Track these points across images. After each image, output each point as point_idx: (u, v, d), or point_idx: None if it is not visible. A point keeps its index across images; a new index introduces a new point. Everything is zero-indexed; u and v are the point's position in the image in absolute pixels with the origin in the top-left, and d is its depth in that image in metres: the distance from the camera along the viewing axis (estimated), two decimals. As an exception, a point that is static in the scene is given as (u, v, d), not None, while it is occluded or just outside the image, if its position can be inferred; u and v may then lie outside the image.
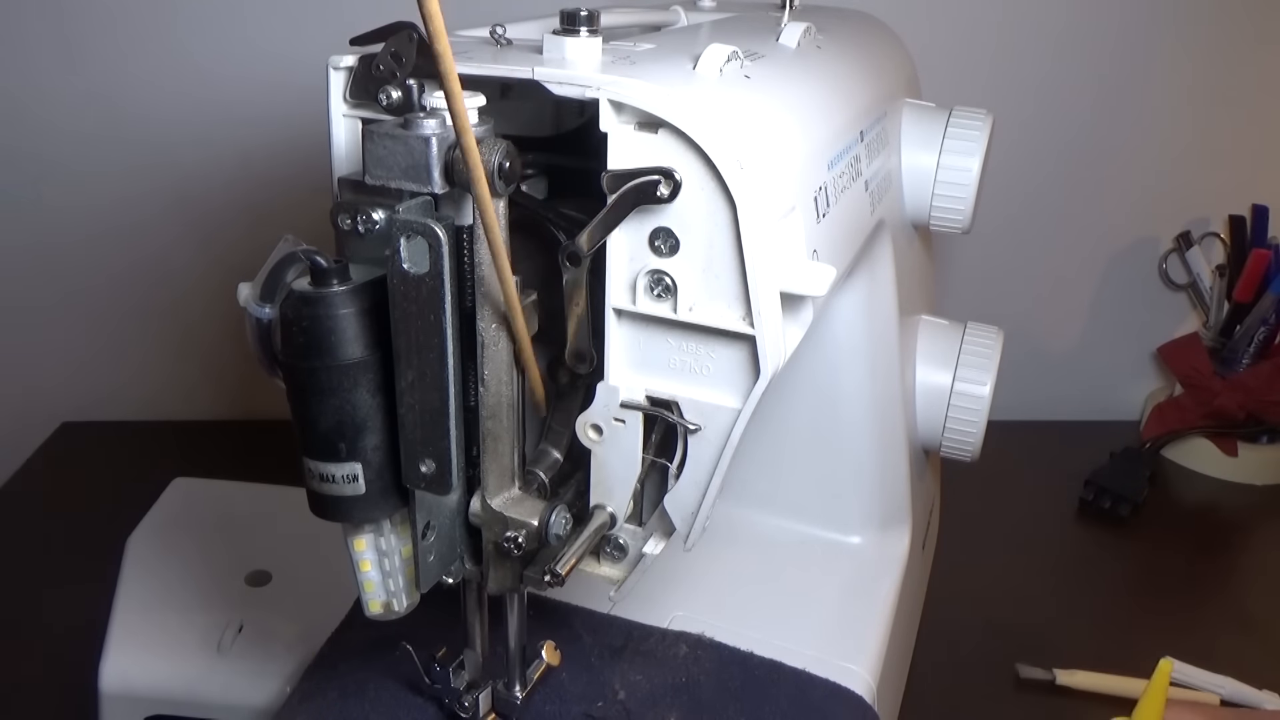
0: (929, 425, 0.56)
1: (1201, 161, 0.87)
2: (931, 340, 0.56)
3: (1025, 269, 0.90)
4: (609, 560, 0.38)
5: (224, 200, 0.82)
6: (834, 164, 0.38)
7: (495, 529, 0.35)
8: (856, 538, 0.54)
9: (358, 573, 0.36)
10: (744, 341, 0.32)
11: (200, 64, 0.78)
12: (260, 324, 0.34)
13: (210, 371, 0.89)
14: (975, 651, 0.63)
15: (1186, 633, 0.65)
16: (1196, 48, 0.82)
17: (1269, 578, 0.73)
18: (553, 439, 0.38)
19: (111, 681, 0.53)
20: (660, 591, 0.49)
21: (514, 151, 0.30)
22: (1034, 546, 0.75)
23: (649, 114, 0.30)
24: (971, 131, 0.52)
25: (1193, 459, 0.85)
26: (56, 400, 0.88)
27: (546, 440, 0.38)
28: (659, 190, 0.30)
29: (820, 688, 0.45)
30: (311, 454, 0.33)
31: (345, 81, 0.34)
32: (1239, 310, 0.84)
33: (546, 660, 0.42)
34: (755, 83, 0.35)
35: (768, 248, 0.30)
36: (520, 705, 0.41)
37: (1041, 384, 0.92)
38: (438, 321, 0.31)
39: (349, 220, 0.32)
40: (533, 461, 0.37)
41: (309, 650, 0.50)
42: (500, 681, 0.41)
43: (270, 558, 0.61)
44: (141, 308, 0.86)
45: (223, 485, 0.69)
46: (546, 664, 0.42)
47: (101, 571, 0.61)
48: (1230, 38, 0.82)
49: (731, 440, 0.33)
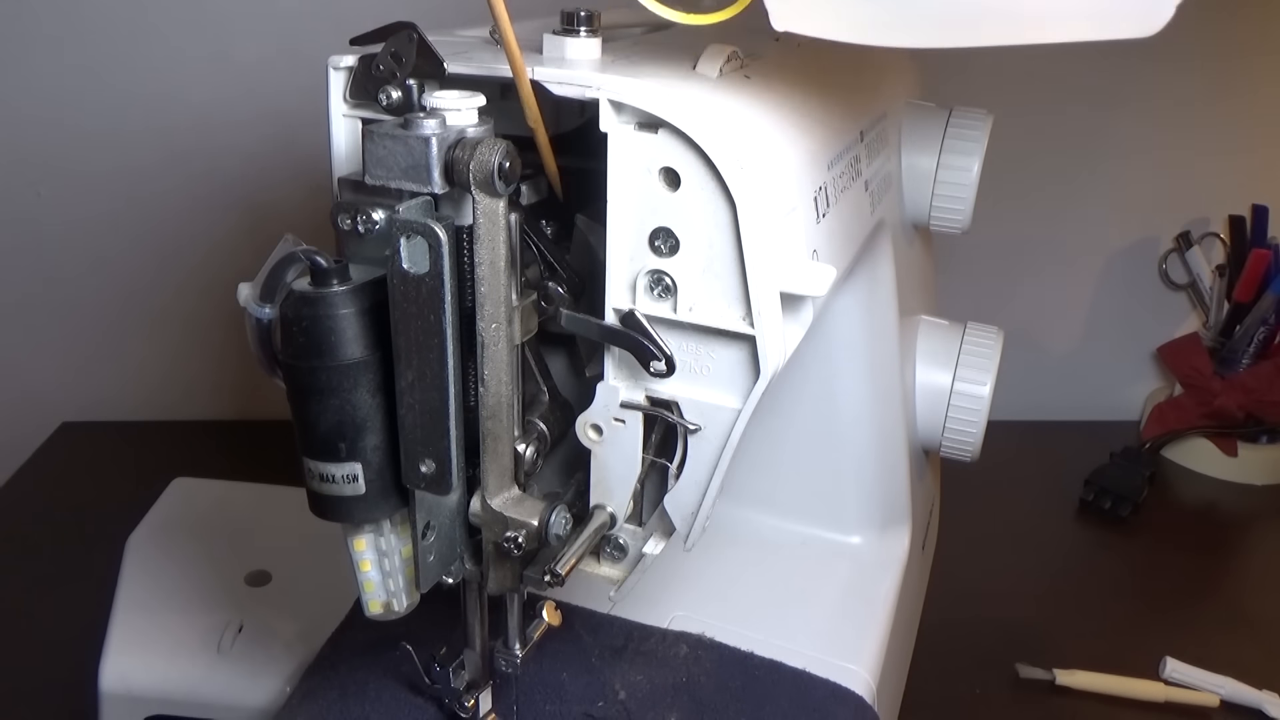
0: (929, 425, 0.56)
1: (1201, 161, 0.87)
2: (931, 340, 0.56)
3: (1025, 269, 0.90)
4: (609, 560, 0.38)
5: (224, 200, 0.82)
6: (834, 164, 0.38)
7: (495, 529, 0.35)
8: (856, 538, 0.54)
9: (358, 573, 0.36)
10: (744, 341, 0.32)
11: (200, 64, 0.78)
12: (260, 324, 0.34)
13: (210, 371, 0.89)
14: (975, 651, 0.63)
15: (1186, 633, 0.65)
16: (1197, 47, 0.82)
17: (1269, 578, 0.73)
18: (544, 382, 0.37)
19: (111, 681, 0.53)
20: (660, 591, 0.49)
21: (514, 151, 0.30)
22: (1034, 546, 0.75)
23: (649, 114, 0.30)
24: (971, 131, 0.52)
25: (1193, 459, 0.85)
26: (56, 400, 0.88)
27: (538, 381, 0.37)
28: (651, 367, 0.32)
29: (820, 688, 0.45)
30: (311, 454, 0.33)
31: (345, 81, 0.34)
32: (1239, 310, 0.84)
33: (547, 620, 0.41)
34: (755, 83, 0.35)
35: (768, 248, 0.30)
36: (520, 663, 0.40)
37: (1041, 384, 0.92)
38: (438, 321, 0.31)
39: (349, 220, 0.32)
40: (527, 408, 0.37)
41: (309, 650, 0.50)
42: (499, 640, 0.41)
43: (270, 558, 0.60)
44: (141, 308, 0.86)
45: (223, 485, 0.69)
46: (547, 624, 0.41)
47: (101, 571, 0.61)
48: (1231, 38, 0.82)
49: (731, 440, 0.33)
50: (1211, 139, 0.86)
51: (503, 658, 0.41)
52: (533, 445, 0.35)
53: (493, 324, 0.32)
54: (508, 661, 0.41)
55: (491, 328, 0.32)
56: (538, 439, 0.36)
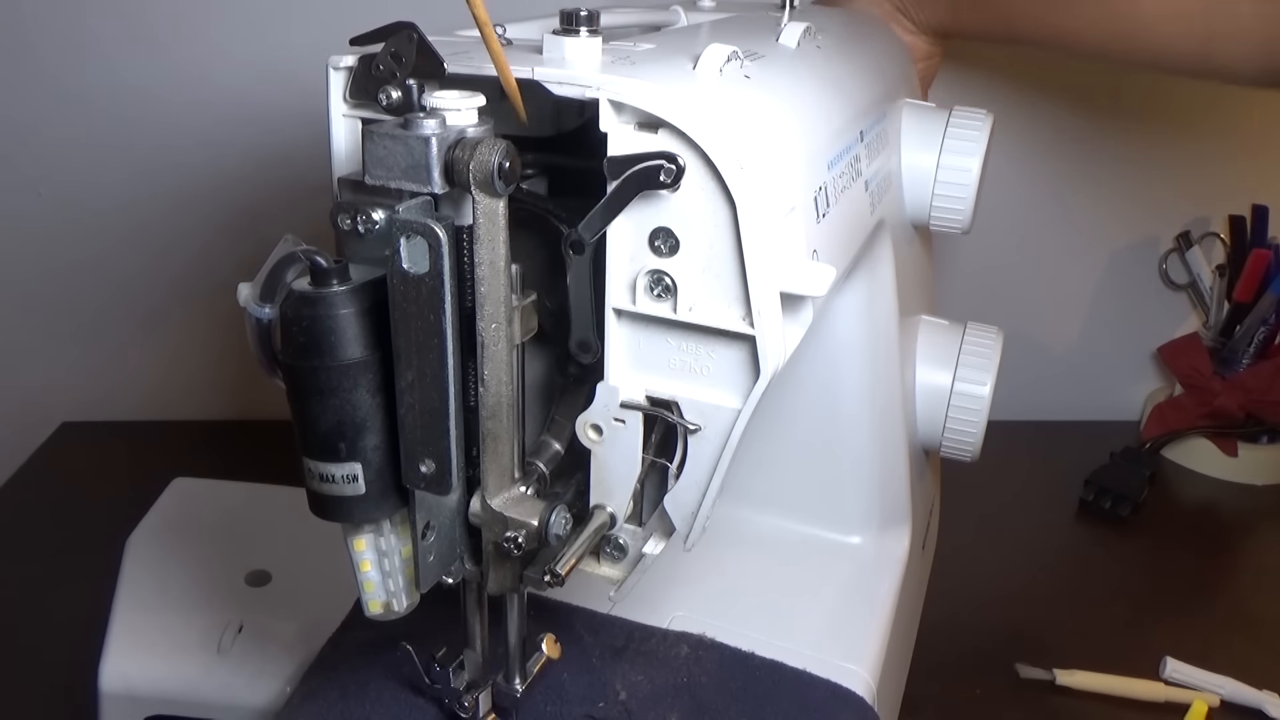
0: (929, 425, 0.56)
1: (1201, 161, 0.87)
2: (931, 340, 0.56)
3: (1025, 269, 0.90)
4: (609, 560, 0.38)
5: (224, 200, 0.82)
6: (834, 164, 0.38)
7: (495, 529, 0.35)
8: (856, 538, 0.54)
9: (358, 573, 0.36)
10: (744, 341, 0.32)
11: (200, 64, 0.78)
12: (260, 324, 0.34)
13: (210, 371, 0.89)
14: (975, 651, 0.63)
15: (1186, 633, 0.65)
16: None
17: (1269, 578, 0.73)
18: (555, 431, 0.38)
19: (111, 681, 0.53)
20: (660, 591, 0.49)
21: (514, 151, 0.30)
22: (1034, 546, 0.75)
23: (649, 114, 0.30)
24: (971, 131, 0.52)
25: (1193, 459, 0.85)
26: (56, 400, 0.88)
27: (549, 432, 0.38)
28: (662, 176, 0.30)
29: (821, 688, 0.45)
30: (311, 454, 0.33)
31: (345, 81, 0.34)
32: (1239, 310, 0.84)
33: (547, 654, 0.42)
34: (755, 83, 0.35)
35: (768, 248, 0.30)
36: (521, 698, 0.41)
37: (1041, 384, 0.92)
38: (438, 321, 0.31)
39: (349, 220, 0.32)
40: (533, 453, 0.37)
41: (309, 650, 0.50)
42: (499, 674, 0.41)
43: (270, 558, 0.60)
44: (141, 308, 0.86)
45: (223, 485, 0.69)
46: (547, 657, 0.42)
47: (101, 571, 0.61)
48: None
49: (731, 440, 0.33)
50: (1212, 139, 0.86)
51: (503, 691, 0.41)
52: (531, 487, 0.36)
53: (493, 324, 0.32)
54: (508, 697, 0.41)
55: (491, 328, 0.32)
56: (537, 481, 0.36)
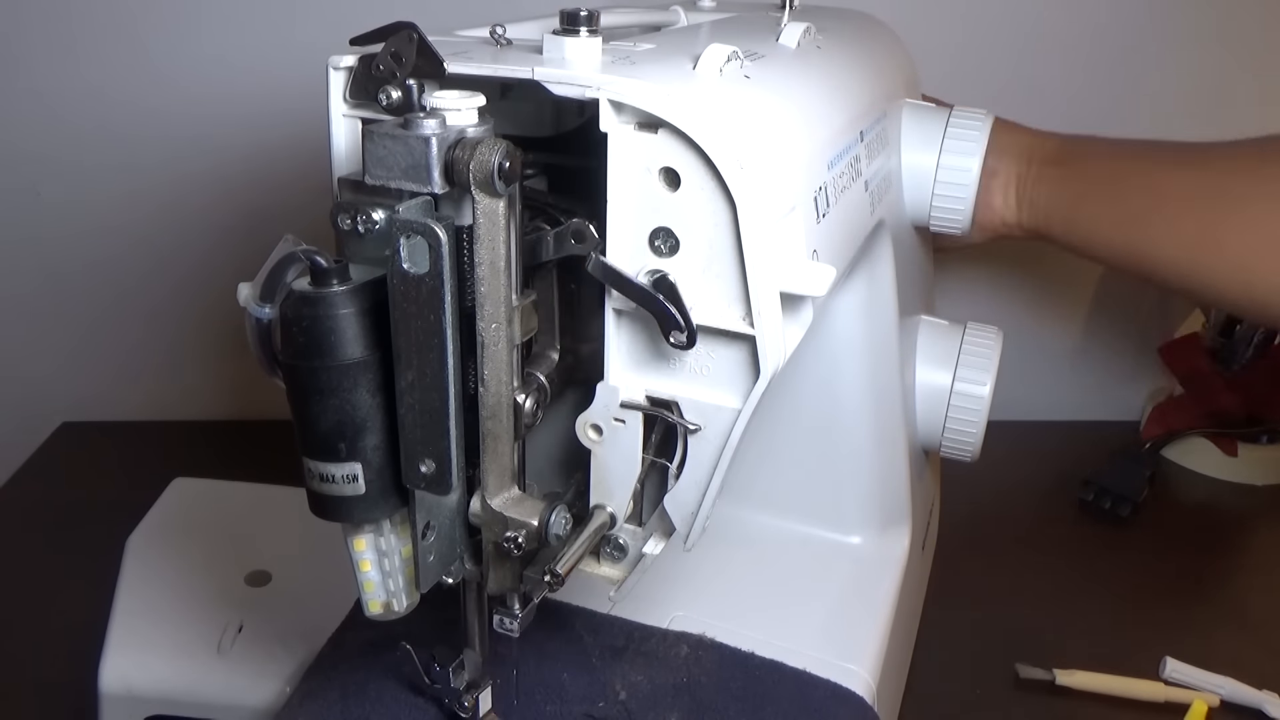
0: (929, 425, 0.56)
1: (1201, 161, 0.87)
2: (931, 340, 0.56)
3: (1025, 269, 0.90)
4: (609, 560, 0.38)
5: (224, 200, 0.82)
6: (834, 164, 0.38)
7: (495, 529, 0.35)
8: (856, 538, 0.54)
9: (358, 573, 0.36)
10: (744, 341, 0.32)
11: (201, 63, 0.78)
12: (260, 324, 0.34)
13: (210, 371, 0.89)
14: (975, 651, 0.63)
15: (1186, 633, 0.65)
16: (1197, 48, 0.82)
17: (1269, 578, 0.73)
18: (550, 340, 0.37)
19: (111, 681, 0.53)
20: (660, 591, 0.49)
21: (514, 151, 0.30)
22: (1034, 546, 0.74)
23: (649, 114, 0.30)
24: (971, 131, 0.52)
25: (1193, 459, 0.85)
26: (56, 400, 0.88)
27: (540, 344, 0.37)
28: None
29: (820, 688, 0.45)
30: (311, 454, 0.33)
31: (345, 81, 0.34)
32: (1239, 310, 0.84)
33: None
34: (755, 83, 0.35)
35: (768, 248, 0.30)
36: (522, 618, 0.38)
37: (1041, 384, 0.92)
38: (438, 321, 0.31)
39: (349, 220, 0.32)
40: (531, 363, 0.36)
41: (309, 650, 0.50)
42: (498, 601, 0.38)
43: (270, 558, 0.61)
44: (142, 308, 0.86)
45: (223, 485, 0.69)
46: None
47: (101, 571, 0.61)
48: (1231, 38, 0.82)
49: (731, 440, 0.33)
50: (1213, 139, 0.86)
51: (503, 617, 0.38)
52: (532, 397, 0.35)
53: (493, 324, 0.32)
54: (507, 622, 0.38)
55: (491, 328, 0.32)
56: (537, 390, 0.35)
